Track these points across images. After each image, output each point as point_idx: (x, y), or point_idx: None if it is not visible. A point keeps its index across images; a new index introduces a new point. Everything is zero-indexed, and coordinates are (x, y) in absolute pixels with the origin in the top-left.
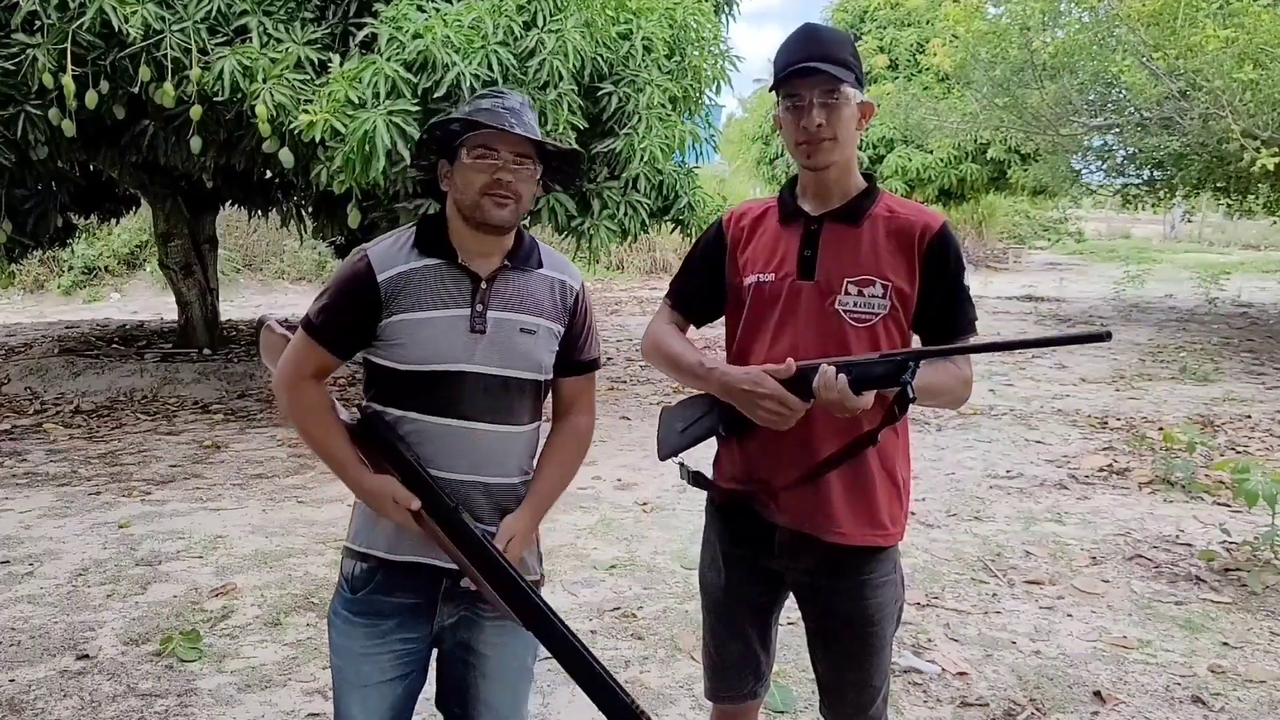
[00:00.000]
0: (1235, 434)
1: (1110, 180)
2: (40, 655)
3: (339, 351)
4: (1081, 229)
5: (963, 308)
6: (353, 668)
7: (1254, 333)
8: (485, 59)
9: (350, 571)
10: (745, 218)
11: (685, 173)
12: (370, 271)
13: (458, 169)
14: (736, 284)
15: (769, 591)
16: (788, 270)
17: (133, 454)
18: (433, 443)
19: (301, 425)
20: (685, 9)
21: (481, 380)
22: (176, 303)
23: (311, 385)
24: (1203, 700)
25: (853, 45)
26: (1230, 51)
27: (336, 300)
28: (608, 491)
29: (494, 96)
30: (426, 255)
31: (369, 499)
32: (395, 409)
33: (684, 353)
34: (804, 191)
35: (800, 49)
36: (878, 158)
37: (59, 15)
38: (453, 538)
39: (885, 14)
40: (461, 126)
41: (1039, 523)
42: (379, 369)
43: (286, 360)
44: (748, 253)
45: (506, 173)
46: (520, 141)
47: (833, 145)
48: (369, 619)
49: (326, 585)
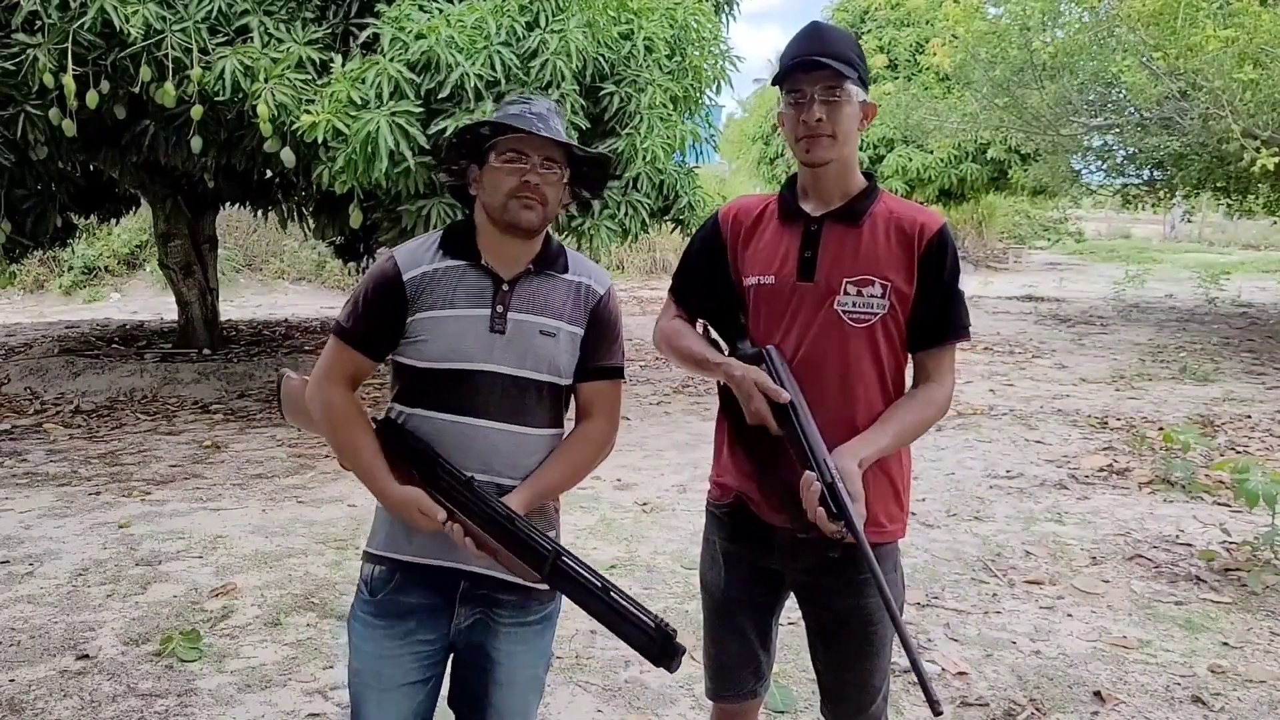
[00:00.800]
0: (1235, 434)
1: (1110, 180)
2: (40, 655)
3: (371, 353)
4: (1081, 229)
5: (956, 311)
6: (372, 670)
7: (1254, 333)
8: (488, 59)
9: (369, 575)
10: (744, 215)
11: (686, 173)
12: (397, 270)
13: (486, 172)
14: (738, 283)
15: (769, 591)
16: (788, 272)
17: (133, 454)
18: (446, 440)
19: (333, 433)
20: (686, 9)
21: (498, 380)
22: (176, 303)
23: (344, 392)
24: (1203, 700)
25: (858, 46)
26: (1230, 51)
27: (366, 301)
28: (608, 491)
29: (522, 102)
30: (452, 257)
31: (396, 510)
32: (413, 407)
33: (695, 346)
34: (804, 191)
35: (805, 45)
36: (878, 158)
37: (60, 15)
38: (467, 509)
39: (885, 14)
40: (490, 130)
41: (1039, 523)
42: (401, 368)
43: (319, 368)
44: (748, 253)
45: (534, 175)
46: (548, 145)
47: (832, 142)
48: (388, 620)
49: (326, 585)
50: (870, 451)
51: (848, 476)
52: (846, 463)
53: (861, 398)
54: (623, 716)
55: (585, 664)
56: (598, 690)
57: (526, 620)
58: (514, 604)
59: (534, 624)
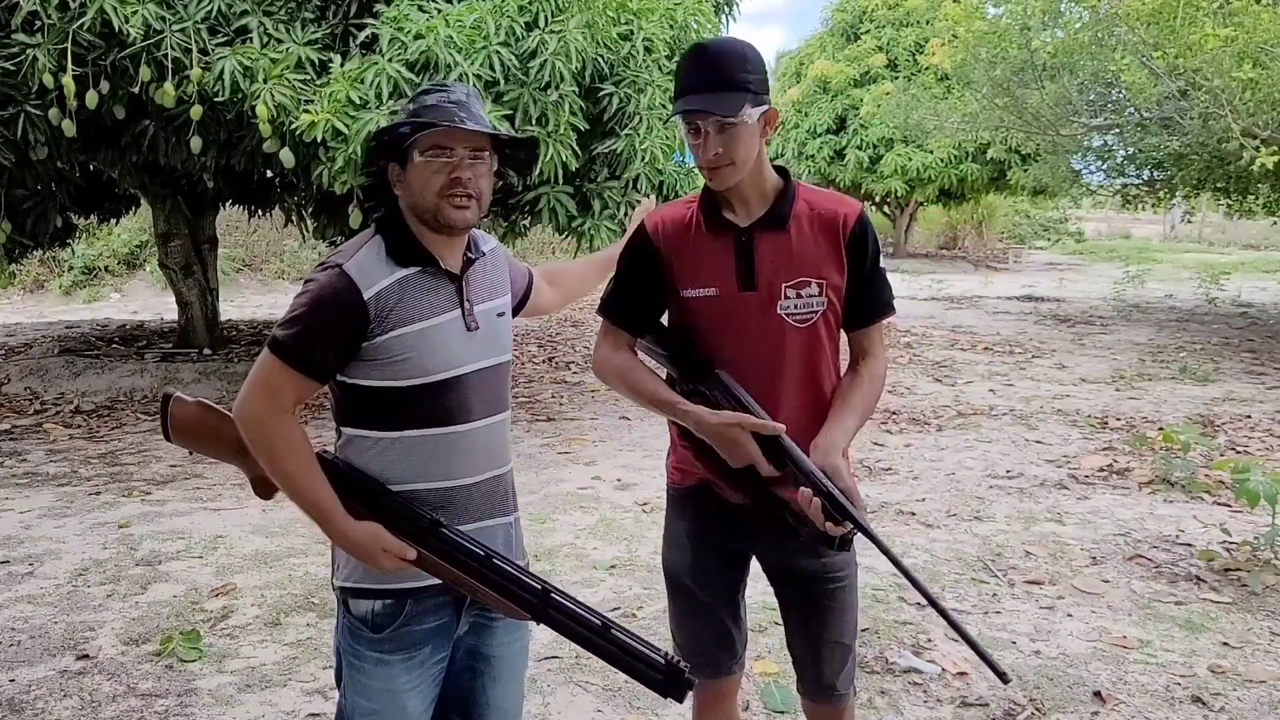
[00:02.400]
0: (1235, 434)
1: (1110, 180)
2: (40, 655)
3: (320, 377)
4: (1081, 229)
5: (880, 290)
6: (395, 707)
7: (1254, 333)
8: (487, 59)
9: (368, 612)
10: (672, 225)
11: (685, 173)
12: (354, 288)
13: (411, 171)
14: (677, 294)
15: (736, 569)
16: (728, 283)
17: (133, 454)
18: (441, 455)
19: (282, 467)
20: (686, 10)
21: (479, 376)
22: (176, 303)
23: (289, 419)
24: (1203, 700)
25: (751, 56)
26: (1230, 51)
27: (316, 320)
28: (608, 491)
29: (439, 91)
30: (405, 264)
31: (356, 550)
32: (399, 430)
33: (650, 386)
34: (724, 202)
35: (695, 76)
36: (877, 157)
37: (59, 15)
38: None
39: (884, 14)
40: (410, 128)
41: (1039, 523)
42: (366, 391)
43: (257, 390)
44: (681, 264)
45: (464, 170)
46: (473, 136)
47: (733, 169)
48: (405, 653)
49: (326, 585)
50: (845, 440)
51: (836, 474)
52: (832, 459)
53: (813, 392)
54: (623, 716)
55: (585, 664)
56: (598, 690)
57: None
58: None
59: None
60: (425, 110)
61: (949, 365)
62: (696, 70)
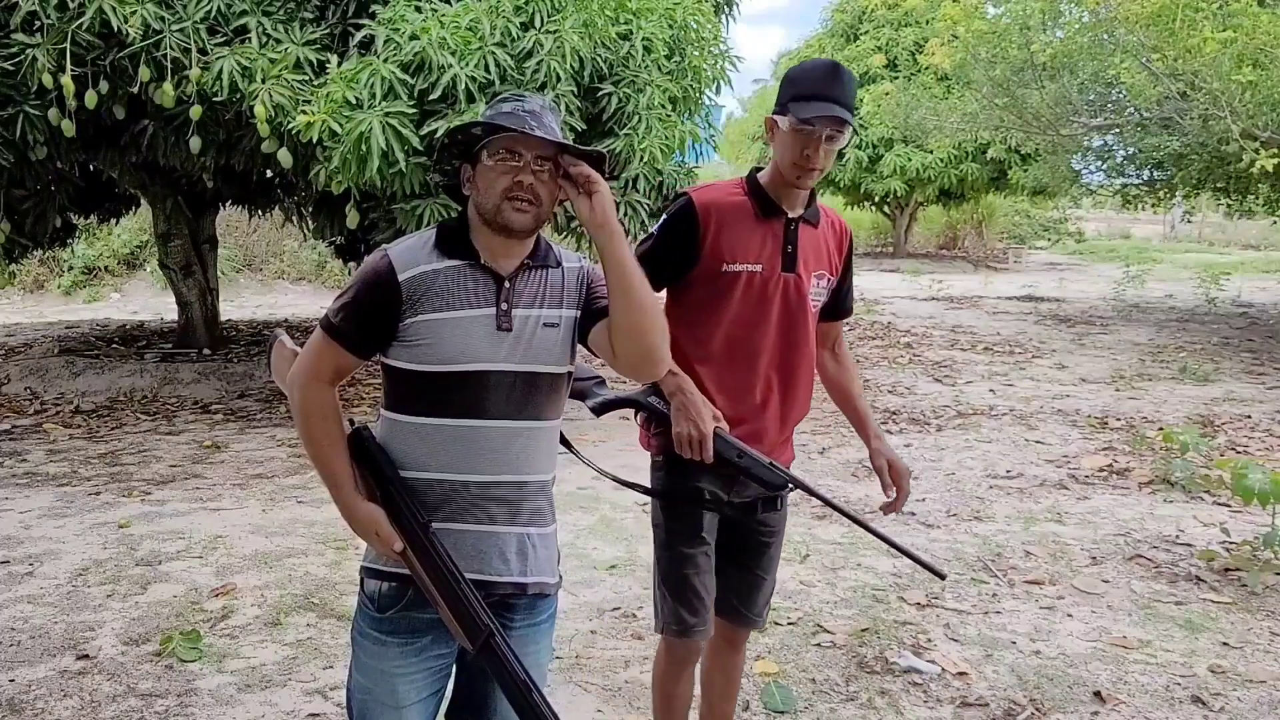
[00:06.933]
0: (1235, 434)
1: (1110, 180)
2: (40, 655)
3: (358, 351)
4: (1081, 229)
5: (852, 290)
6: (386, 688)
7: (1254, 333)
8: (482, 60)
9: (375, 591)
10: (719, 204)
11: (685, 173)
12: (391, 270)
13: (480, 172)
14: (714, 268)
15: (713, 528)
16: (774, 263)
17: (133, 454)
18: (455, 447)
19: (308, 429)
20: (685, 9)
21: (507, 378)
22: (176, 303)
23: (326, 388)
24: (1203, 700)
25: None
26: (1229, 53)
27: (358, 299)
28: (608, 491)
29: (515, 99)
30: (450, 257)
31: (356, 526)
32: (414, 415)
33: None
34: (776, 194)
35: (826, 86)
36: (876, 157)
37: (58, 15)
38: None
39: (884, 14)
40: (483, 130)
41: (1039, 523)
42: (398, 373)
43: (303, 359)
44: (727, 240)
45: (527, 175)
46: (541, 144)
47: (819, 174)
48: (403, 637)
49: (326, 585)
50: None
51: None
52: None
53: (810, 365)
54: (622, 716)
55: (585, 664)
56: (598, 690)
57: (537, 620)
58: (525, 606)
59: (543, 623)
60: (499, 117)
61: (949, 365)
62: (830, 82)
